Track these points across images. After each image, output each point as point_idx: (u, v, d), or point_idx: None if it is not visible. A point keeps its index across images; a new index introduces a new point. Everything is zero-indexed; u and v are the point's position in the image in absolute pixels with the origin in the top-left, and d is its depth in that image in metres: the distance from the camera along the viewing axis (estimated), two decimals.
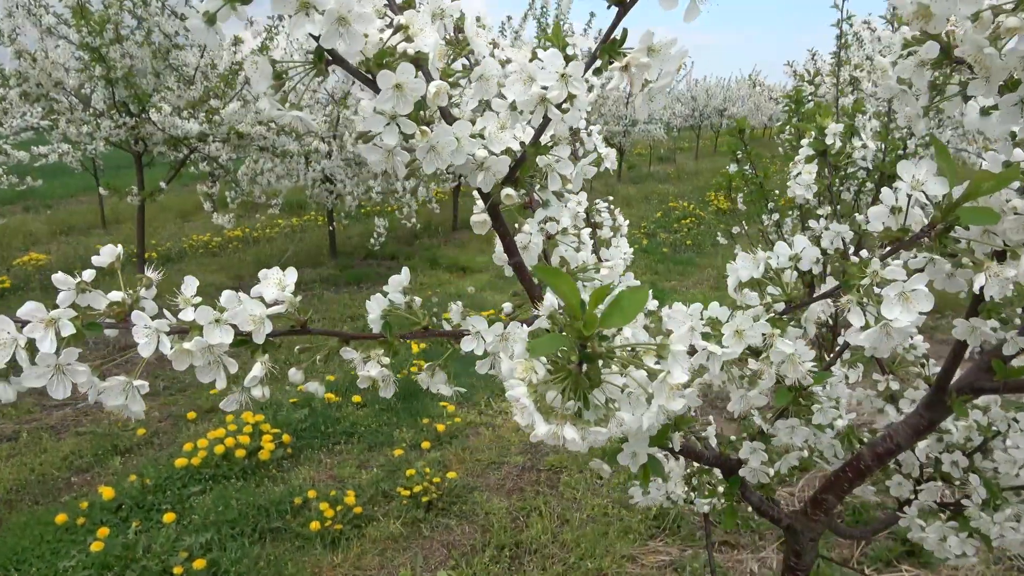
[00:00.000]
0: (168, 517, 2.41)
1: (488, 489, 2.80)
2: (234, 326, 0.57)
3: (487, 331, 0.56)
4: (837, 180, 1.00)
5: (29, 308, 0.55)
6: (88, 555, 2.26)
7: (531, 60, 0.49)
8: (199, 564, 2.17)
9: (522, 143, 0.54)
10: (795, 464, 0.79)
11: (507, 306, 0.63)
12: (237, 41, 4.48)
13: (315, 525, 2.41)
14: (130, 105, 4.23)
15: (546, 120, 0.49)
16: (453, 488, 2.74)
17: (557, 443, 0.45)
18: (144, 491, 2.65)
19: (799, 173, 0.87)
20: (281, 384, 3.77)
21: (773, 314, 0.61)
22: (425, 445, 3.06)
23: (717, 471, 1.12)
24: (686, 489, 1.14)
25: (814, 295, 0.63)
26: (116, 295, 0.56)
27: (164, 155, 4.55)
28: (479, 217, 0.56)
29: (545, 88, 0.48)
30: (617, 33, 0.53)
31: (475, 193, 0.60)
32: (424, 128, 0.49)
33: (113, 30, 3.98)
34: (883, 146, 1.65)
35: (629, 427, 0.44)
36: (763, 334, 0.59)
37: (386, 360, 0.56)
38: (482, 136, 0.50)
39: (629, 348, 0.47)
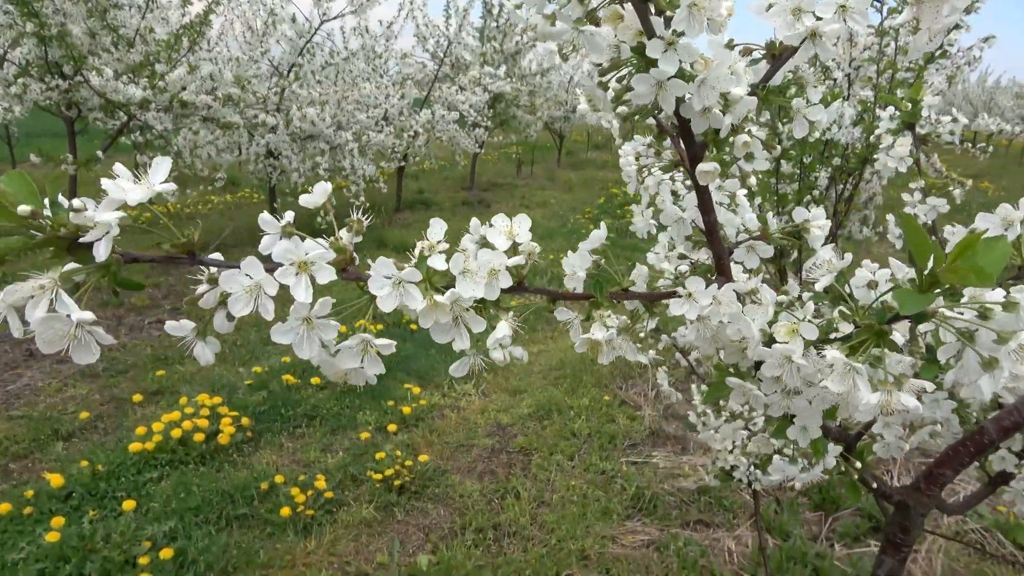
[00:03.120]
0: (127, 505, 2.26)
1: (459, 472, 2.75)
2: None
3: (702, 292, 0.52)
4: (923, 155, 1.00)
5: (284, 247, 0.47)
6: (40, 547, 2.10)
7: None
8: (166, 553, 2.05)
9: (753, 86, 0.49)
10: (926, 438, 0.78)
11: (684, 267, 0.59)
12: (185, 3, 4.23)
13: (286, 511, 2.32)
14: (63, 67, 3.94)
15: (779, 59, 0.45)
16: (425, 471, 2.68)
17: (885, 413, 0.40)
18: (96, 478, 2.48)
19: (890, 145, 0.86)
20: (235, 365, 3.62)
21: None
22: (392, 428, 2.98)
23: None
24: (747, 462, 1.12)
25: None
26: (344, 236, 0.48)
27: (101, 122, 4.26)
28: (708, 167, 0.51)
29: (819, 19, 0.44)
30: None
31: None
32: (707, 57, 0.44)
33: None
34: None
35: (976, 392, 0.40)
36: None
37: (613, 322, 0.51)
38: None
39: (975, 306, 0.43)
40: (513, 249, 0.50)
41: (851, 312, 0.48)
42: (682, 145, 0.56)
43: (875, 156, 2.49)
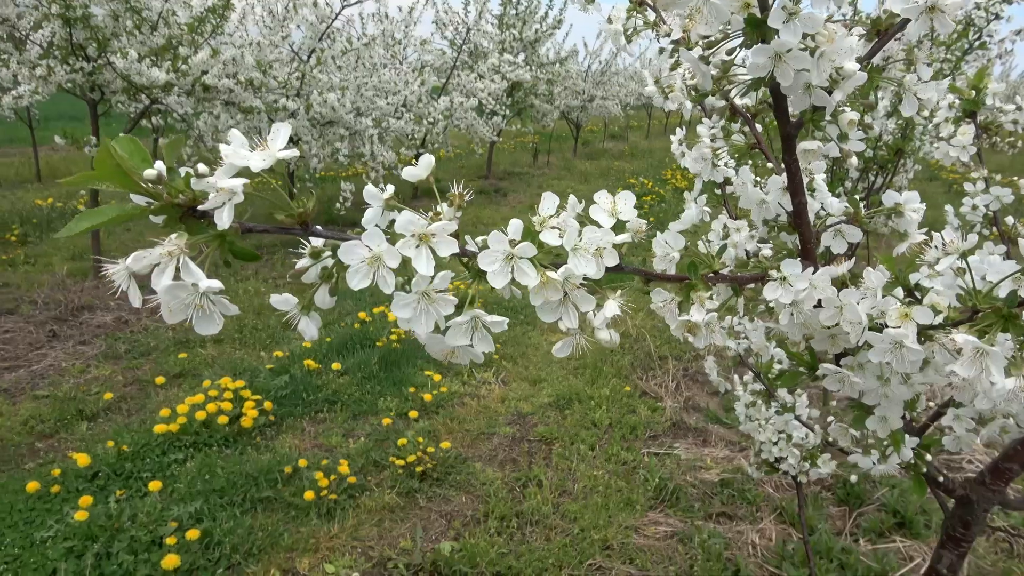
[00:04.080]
0: (153, 485, 2.28)
1: (481, 459, 2.75)
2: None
3: (798, 276, 0.50)
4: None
5: (407, 218, 0.46)
6: (68, 525, 2.12)
7: None
8: (192, 534, 2.06)
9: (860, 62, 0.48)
10: (995, 433, 0.77)
11: (767, 251, 0.57)
12: None
13: (310, 495, 2.32)
14: (87, 48, 3.94)
15: (885, 35, 0.43)
16: (447, 458, 2.68)
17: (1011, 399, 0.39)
18: (121, 458, 2.50)
19: (952, 134, 0.84)
20: (256, 349, 3.63)
21: None
22: (413, 415, 2.98)
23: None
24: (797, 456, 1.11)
25: None
26: (446, 210, 0.47)
27: (123, 104, 4.26)
28: (811, 145, 0.50)
29: None
30: None
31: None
32: (830, 29, 0.42)
33: None
34: None
35: None
36: None
37: (711, 304, 0.49)
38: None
39: None
40: (618, 226, 0.49)
41: (971, 296, 0.46)
42: (758, 127, 0.54)
43: (908, 147, 2.46)
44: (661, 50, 0.90)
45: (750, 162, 0.76)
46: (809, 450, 1.20)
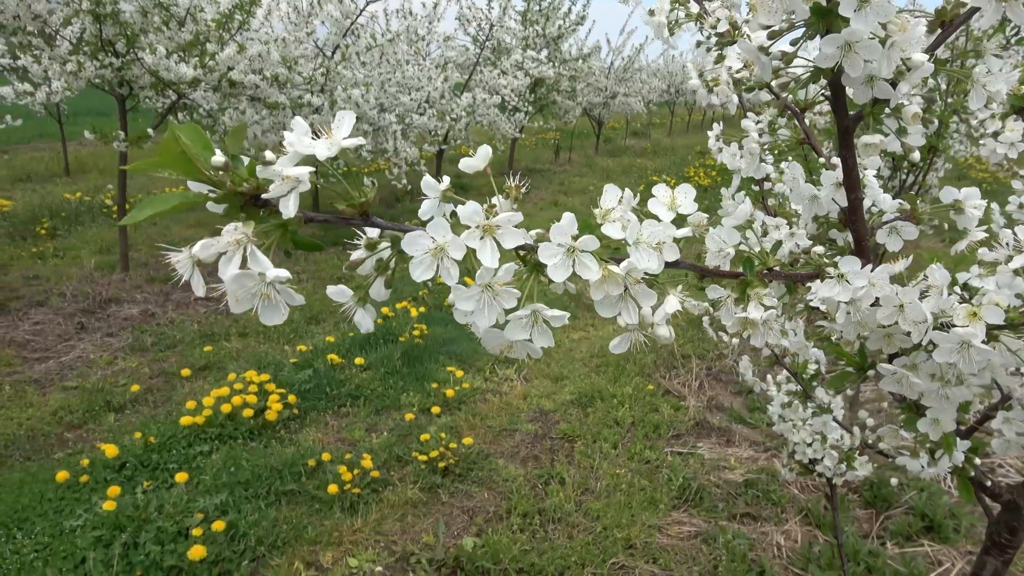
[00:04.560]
0: (180, 477, 2.30)
1: (503, 456, 2.75)
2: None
3: (857, 274, 0.49)
4: None
5: (472, 208, 0.46)
6: (96, 514, 2.14)
7: None
8: (218, 526, 2.07)
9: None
10: None
11: (819, 248, 0.56)
12: None
13: (333, 488, 2.33)
14: (116, 45, 3.99)
15: (950, 25, 0.42)
16: (469, 454, 2.68)
17: None
18: (148, 449, 2.53)
19: (998, 131, 0.82)
20: (280, 343, 3.66)
21: None
22: (435, 410, 2.98)
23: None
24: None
25: None
26: (501, 202, 0.46)
27: (150, 99, 4.31)
28: (873, 139, 0.49)
29: None
30: None
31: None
32: (903, 17, 0.41)
33: None
34: None
35: None
36: None
37: (771, 301, 0.48)
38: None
39: None
40: (679, 220, 0.48)
41: None
42: (806, 121, 0.53)
43: (941, 145, 2.41)
44: (699, 43, 0.89)
45: (789, 159, 0.74)
46: (845, 452, 1.18)
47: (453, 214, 0.47)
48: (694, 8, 0.68)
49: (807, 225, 0.60)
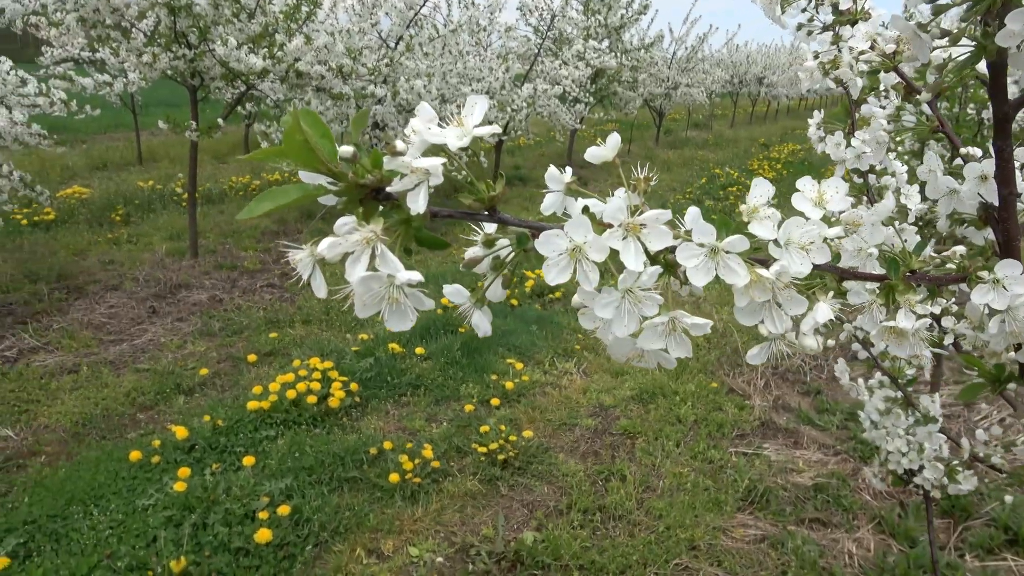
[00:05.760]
0: (248, 460, 2.35)
1: (563, 450, 2.72)
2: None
3: (1016, 279, 0.44)
4: None
5: (616, 205, 0.43)
6: (167, 494, 2.20)
7: None
8: (283, 510, 2.11)
9: None
10: None
11: (962, 249, 0.51)
12: None
13: (395, 477, 2.35)
14: (189, 36, 4.09)
15: None
16: (528, 447, 2.66)
17: None
18: (216, 432, 2.59)
19: None
20: (341, 331, 3.70)
21: None
22: (495, 402, 2.97)
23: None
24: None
25: None
26: (629, 197, 0.43)
27: (220, 90, 4.41)
28: None
29: None
30: None
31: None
32: None
33: None
34: None
35: None
36: None
37: (924, 309, 0.44)
38: None
39: None
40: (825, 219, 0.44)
41: None
42: (940, 109, 0.48)
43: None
44: (800, 26, 0.83)
45: (896, 150, 0.69)
46: (948, 464, 1.11)
47: (585, 208, 0.44)
48: None
49: (940, 222, 0.55)
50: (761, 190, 0.46)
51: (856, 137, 0.70)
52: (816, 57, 0.69)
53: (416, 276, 0.40)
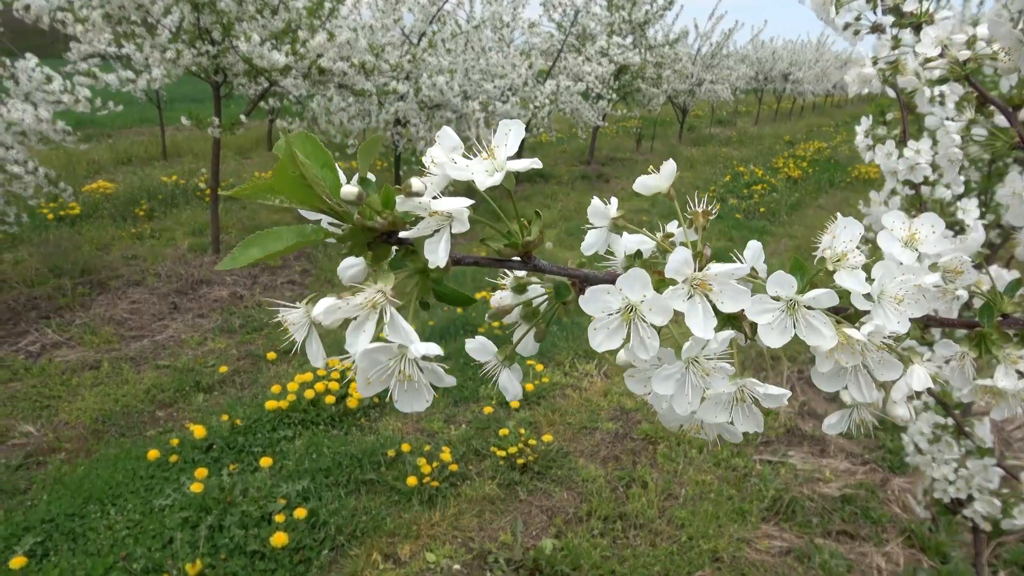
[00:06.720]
0: (265, 461, 2.33)
1: (583, 455, 2.68)
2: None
3: None
4: None
5: (681, 258, 0.37)
6: (184, 495, 2.19)
7: None
8: (300, 513, 2.08)
9: None
10: None
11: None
12: None
13: (412, 480, 2.32)
14: (213, 32, 4.08)
15: None
16: (548, 451, 2.62)
17: None
18: (234, 432, 2.57)
19: None
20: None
21: None
22: (514, 404, 2.94)
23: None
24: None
25: None
26: (680, 235, 0.37)
27: (243, 86, 4.40)
28: None
29: None
30: None
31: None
32: None
33: None
34: None
35: None
36: None
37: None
38: None
39: None
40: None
41: None
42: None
43: None
44: (846, 26, 0.78)
45: (958, 166, 0.63)
46: (1004, 497, 1.05)
47: (638, 254, 0.38)
48: None
49: (1019, 249, 0.50)
50: (851, 232, 0.39)
51: (909, 147, 0.65)
52: (875, 63, 0.64)
53: (434, 348, 0.34)
